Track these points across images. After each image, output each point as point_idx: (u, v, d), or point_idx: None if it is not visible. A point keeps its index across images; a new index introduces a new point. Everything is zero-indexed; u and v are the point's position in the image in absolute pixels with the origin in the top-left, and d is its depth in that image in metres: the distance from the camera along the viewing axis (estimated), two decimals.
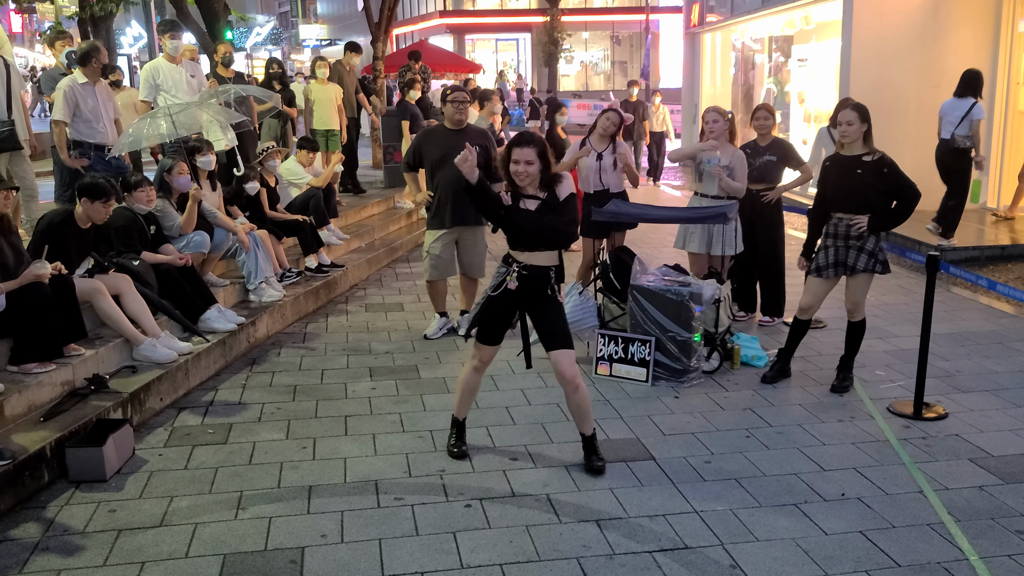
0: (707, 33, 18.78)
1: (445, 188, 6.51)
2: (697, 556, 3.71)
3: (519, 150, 4.24)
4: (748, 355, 6.16)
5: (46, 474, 4.33)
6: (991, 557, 3.69)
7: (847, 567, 3.62)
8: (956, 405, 5.39)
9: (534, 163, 4.23)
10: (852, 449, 4.78)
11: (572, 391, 4.38)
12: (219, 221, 6.94)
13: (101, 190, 5.51)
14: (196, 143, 7.07)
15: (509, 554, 3.72)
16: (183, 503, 4.19)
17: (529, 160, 4.23)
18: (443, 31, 41.35)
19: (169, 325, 5.94)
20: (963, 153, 9.41)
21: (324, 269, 8.20)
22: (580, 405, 4.44)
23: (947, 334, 6.79)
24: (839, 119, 5.40)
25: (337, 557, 3.71)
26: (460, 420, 4.75)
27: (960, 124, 9.34)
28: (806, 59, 15.04)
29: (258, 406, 5.46)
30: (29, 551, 3.75)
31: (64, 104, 7.14)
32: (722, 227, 6.48)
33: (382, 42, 15.70)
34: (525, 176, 4.25)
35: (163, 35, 8.24)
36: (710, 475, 4.48)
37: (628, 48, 42.54)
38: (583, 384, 4.41)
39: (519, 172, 4.24)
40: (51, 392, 4.89)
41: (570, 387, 4.37)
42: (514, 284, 4.36)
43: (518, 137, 4.32)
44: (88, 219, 5.56)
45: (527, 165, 4.23)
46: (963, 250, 9.56)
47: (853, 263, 5.42)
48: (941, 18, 11.69)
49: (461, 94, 6.62)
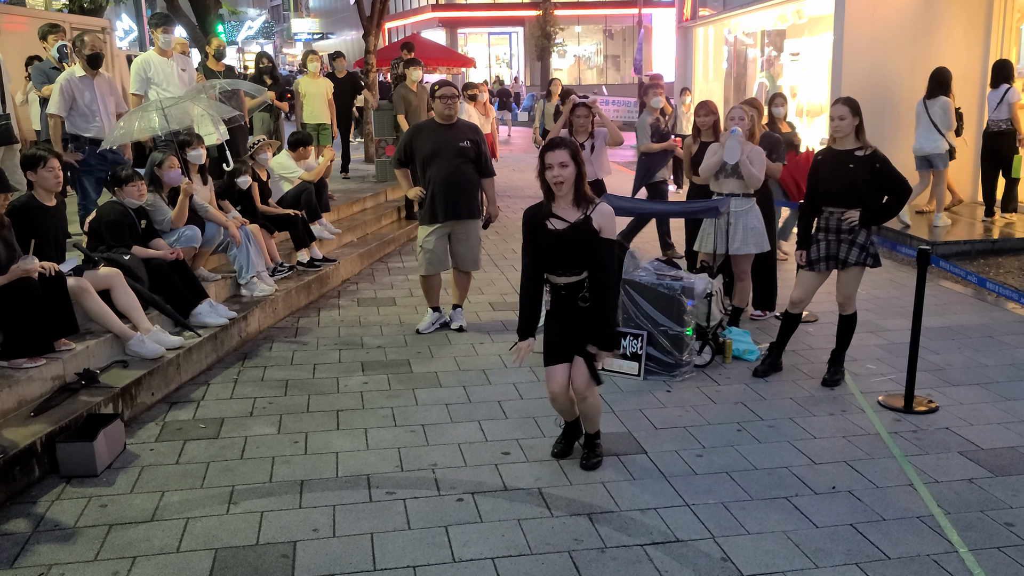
0: (700, 27, 18.78)
1: (437, 183, 6.50)
2: (688, 549, 3.72)
3: (551, 153, 4.13)
4: (740, 349, 6.18)
5: (37, 469, 4.32)
6: (980, 549, 3.71)
7: (838, 560, 3.63)
8: (946, 398, 5.41)
9: (568, 165, 4.11)
10: (843, 442, 4.80)
11: (580, 400, 4.38)
12: (210, 215, 6.92)
13: (36, 157, 5.50)
14: (186, 137, 7.04)
15: (501, 548, 3.73)
16: (174, 498, 4.18)
17: (563, 162, 4.11)
18: (435, 25, 41.28)
19: (160, 320, 5.93)
20: (1007, 135, 10.17)
21: (316, 263, 8.19)
22: (586, 413, 4.45)
23: (938, 328, 6.81)
24: (831, 114, 5.41)
25: (329, 551, 3.71)
26: (567, 422, 4.65)
27: (998, 108, 10.10)
28: (799, 53, 15.07)
29: (250, 401, 5.45)
30: (20, 546, 3.74)
31: (60, 98, 7.10)
32: (742, 225, 6.43)
33: (374, 36, 15.65)
34: (562, 181, 4.12)
35: (155, 29, 8.20)
36: (702, 469, 4.49)
37: (621, 42, 42.52)
38: (593, 395, 4.37)
39: (555, 176, 4.11)
40: (41, 387, 4.87)
41: (578, 397, 4.37)
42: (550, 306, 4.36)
43: (549, 143, 4.23)
44: (46, 192, 5.53)
45: (561, 168, 4.10)
46: (953, 244, 9.59)
47: (845, 257, 5.43)
48: (933, 12, 11.71)
49: (450, 88, 6.60)
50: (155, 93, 7.94)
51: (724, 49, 18.28)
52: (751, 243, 6.46)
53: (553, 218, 4.20)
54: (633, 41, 36.96)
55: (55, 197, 5.60)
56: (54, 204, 5.58)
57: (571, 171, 4.13)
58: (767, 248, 6.57)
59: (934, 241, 9.50)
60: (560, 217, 4.19)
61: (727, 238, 6.44)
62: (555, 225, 4.19)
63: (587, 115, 7.09)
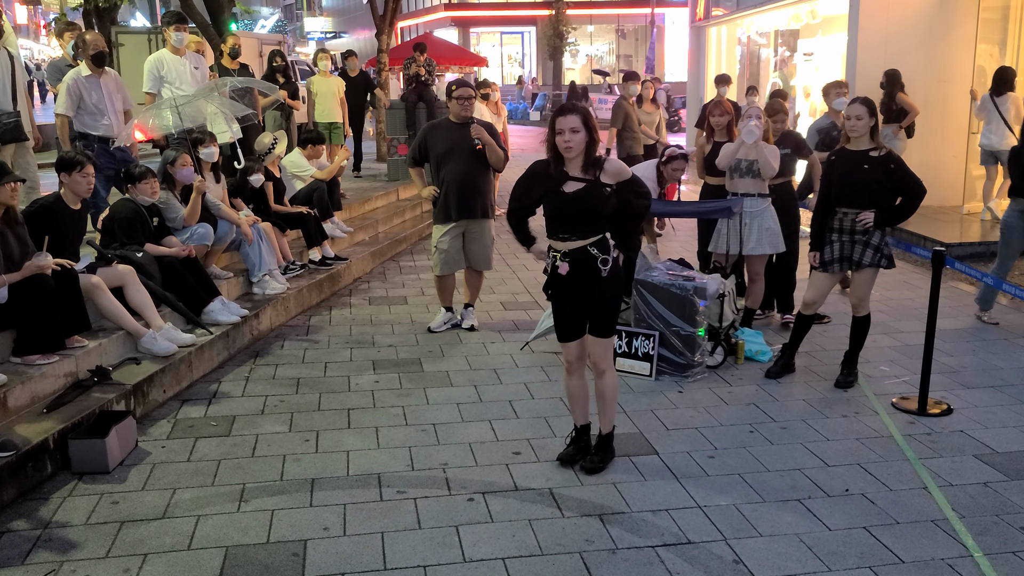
0: (713, 27, 18.71)
1: (451, 182, 6.50)
2: (700, 551, 3.70)
3: (563, 119, 4.10)
4: (752, 350, 6.15)
5: (49, 465, 4.33)
6: (995, 554, 3.68)
7: (851, 563, 3.61)
8: (961, 401, 5.37)
9: (579, 131, 4.08)
10: (856, 445, 4.77)
11: (597, 375, 4.39)
12: (222, 213, 6.93)
13: (73, 161, 5.49)
14: (199, 135, 7.06)
15: (512, 548, 3.71)
16: (186, 495, 4.18)
17: (575, 128, 4.07)
18: (448, 24, 41.32)
19: (172, 317, 5.94)
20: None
21: (328, 262, 8.19)
22: (602, 392, 4.41)
23: (952, 330, 6.77)
24: (847, 113, 5.38)
25: (339, 550, 3.71)
26: (577, 426, 4.60)
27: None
28: (812, 53, 14.99)
29: (261, 399, 5.46)
30: (32, 542, 3.75)
31: (67, 97, 7.14)
32: (757, 226, 6.38)
33: (387, 35, 15.67)
34: (572, 147, 4.09)
35: (168, 27, 8.22)
36: (713, 470, 4.46)
37: (633, 42, 42.46)
38: (611, 370, 4.39)
39: (566, 142, 4.08)
40: (54, 384, 4.89)
41: (596, 370, 4.38)
42: (565, 268, 4.22)
43: (560, 108, 4.20)
44: (75, 196, 5.54)
45: (572, 133, 4.07)
46: (968, 245, 9.53)
47: (859, 258, 5.40)
48: (948, 12, 11.62)
49: (467, 90, 6.56)
50: (168, 91, 7.97)
51: (737, 49, 18.21)
52: (766, 243, 6.42)
53: (569, 180, 4.17)
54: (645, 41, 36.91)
55: (81, 202, 5.62)
56: (79, 208, 5.60)
57: (581, 137, 4.10)
58: (782, 249, 6.52)
59: (949, 243, 9.44)
60: (574, 178, 4.17)
61: (741, 238, 6.40)
62: (569, 188, 4.16)
63: (683, 168, 6.75)
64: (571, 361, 4.44)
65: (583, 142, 4.11)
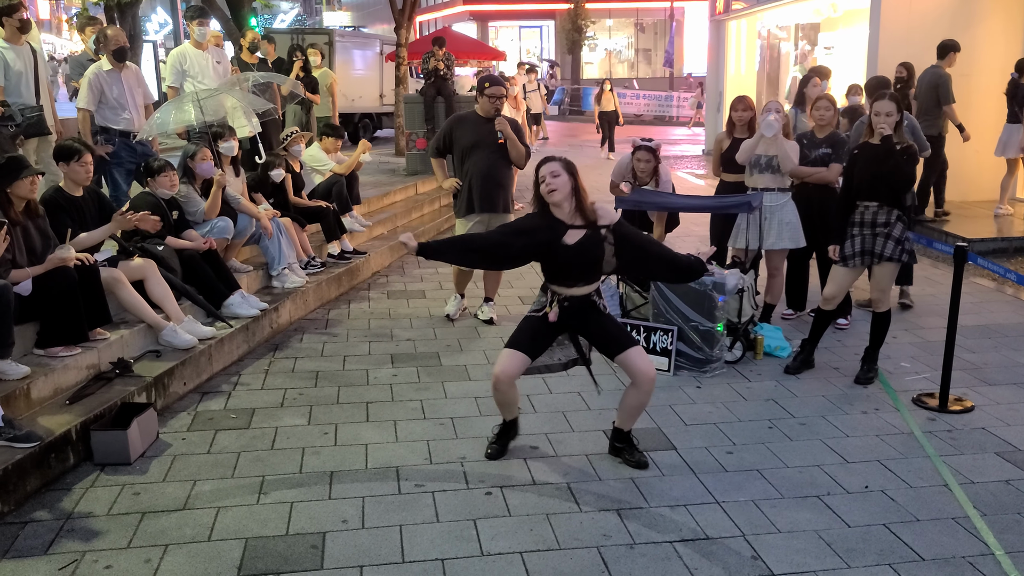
0: (732, 20, 18.60)
1: (475, 175, 6.53)
2: (718, 547, 3.69)
3: (543, 167, 4.14)
4: (771, 345, 6.12)
5: (71, 457, 4.38)
6: (1017, 552, 3.65)
7: (870, 560, 3.59)
8: (982, 398, 5.33)
9: (560, 175, 4.09)
10: (876, 441, 4.74)
11: (649, 388, 4.24)
12: (242, 207, 6.97)
13: (71, 150, 5.52)
14: (219, 129, 7.09)
15: (529, 542, 3.72)
16: (206, 487, 4.22)
17: (555, 172, 4.09)
18: (466, 18, 41.24)
19: (193, 310, 5.98)
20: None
21: (346, 256, 8.22)
22: (644, 403, 4.35)
23: (974, 326, 6.71)
24: (877, 109, 5.32)
25: (358, 542, 3.73)
26: (504, 421, 4.60)
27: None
28: (833, 47, 14.87)
29: (280, 391, 5.49)
30: (54, 533, 3.79)
31: (89, 92, 7.20)
32: (777, 220, 6.35)
33: (405, 29, 15.68)
34: (556, 189, 4.08)
35: (191, 21, 8.27)
36: (732, 466, 4.45)
37: (652, 35, 42.20)
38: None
39: (549, 185, 4.08)
40: (76, 376, 4.94)
41: (649, 384, 4.23)
42: (554, 316, 4.23)
43: (542, 160, 4.21)
44: (75, 184, 5.57)
45: (553, 177, 4.08)
46: (990, 241, 9.45)
47: (880, 251, 5.36)
48: (970, 5, 11.50)
49: (499, 89, 6.54)
50: (191, 85, 8.02)
51: (757, 43, 18.09)
52: (786, 238, 6.39)
53: (569, 230, 4.15)
54: (665, 35, 36.75)
55: (83, 188, 5.65)
56: (81, 194, 5.63)
57: (564, 180, 4.10)
58: (803, 244, 6.49)
59: (971, 238, 9.36)
60: (573, 227, 4.16)
61: (761, 233, 6.37)
62: (571, 238, 4.15)
63: (648, 159, 6.73)
64: (501, 377, 4.22)
65: (567, 185, 4.11)
